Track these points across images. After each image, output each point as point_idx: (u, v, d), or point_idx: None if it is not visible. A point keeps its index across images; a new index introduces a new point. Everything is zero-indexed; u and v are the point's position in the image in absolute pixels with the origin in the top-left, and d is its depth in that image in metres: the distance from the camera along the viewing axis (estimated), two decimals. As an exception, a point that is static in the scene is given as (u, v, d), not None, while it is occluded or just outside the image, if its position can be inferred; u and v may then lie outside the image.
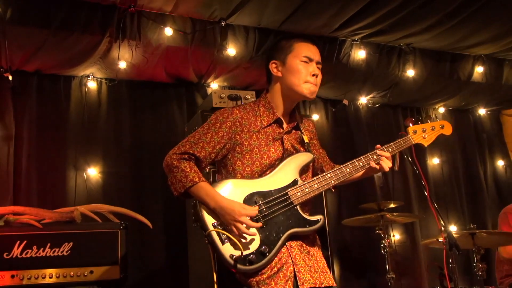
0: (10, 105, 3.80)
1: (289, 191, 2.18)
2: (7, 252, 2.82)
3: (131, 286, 3.02)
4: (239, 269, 2.06)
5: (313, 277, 2.12)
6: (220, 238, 2.09)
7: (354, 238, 4.52)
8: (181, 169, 2.17)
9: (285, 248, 2.13)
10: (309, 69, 2.24)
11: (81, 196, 3.82)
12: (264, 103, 2.33)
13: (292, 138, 2.33)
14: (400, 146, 2.35)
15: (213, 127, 2.26)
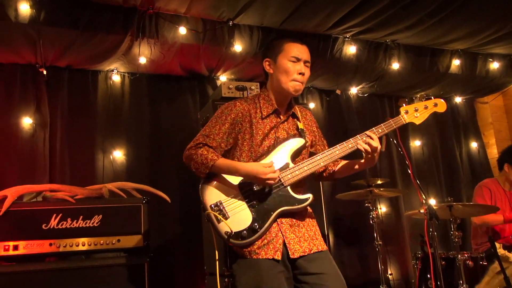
0: (45, 97, 3.79)
1: (280, 173, 2.18)
2: (45, 223, 2.86)
3: (152, 253, 3.03)
4: (232, 243, 2.09)
5: (302, 247, 2.13)
6: (216, 218, 2.11)
7: (346, 211, 4.53)
8: (200, 153, 2.19)
9: (275, 223, 2.14)
10: (296, 67, 2.22)
11: (108, 175, 3.83)
12: (264, 96, 2.32)
13: (288, 126, 2.32)
14: (390, 126, 2.28)
15: (220, 119, 2.27)
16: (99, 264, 2.86)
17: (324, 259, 2.14)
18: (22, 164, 3.60)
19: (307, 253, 2.11)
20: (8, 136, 3.62)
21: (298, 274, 2.10)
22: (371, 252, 4.27)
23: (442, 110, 2.37)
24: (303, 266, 2.10)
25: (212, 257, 3.16)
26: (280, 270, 2.05)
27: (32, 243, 2.80)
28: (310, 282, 2.07)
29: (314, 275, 2.07)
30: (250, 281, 2.03)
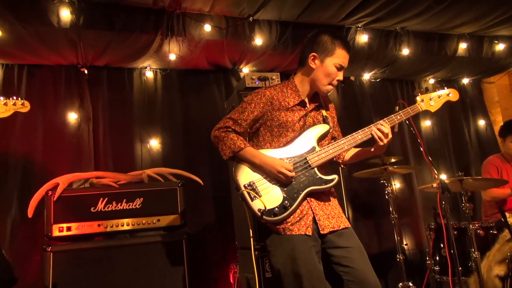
0: (87, 94, 3.83)
1: (308, 156, 2.17)
2: (93, 207, 2.92)
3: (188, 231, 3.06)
4: (265, 220, 2.09)
5: (331, 223, 2.13)
6: (250, 196, 2.11)
7: (363, 188, 4.49)
8: (230, 138, 2.19)
9: (306, 202, 2.14)
10: (337, 74, 2.19)
11: (146, 162, 3.87)
12: (292, 86, 2.29)
13: (314, 115, 2.30)
14: (408, 113, 2.27)
15: (249, 106, 2.25)
16: (142, 242, 2.91)
17: (349, 234, 2.15)
18: (70, 154, 3.67)
19: (335, 229, 2.12)
20: (57, 130, 3.69)
21: (326, 248, 2.11)
22: (387, 224, 4.24)
23: (455, 99, 2.40)
24: (332, 240, 2.11)
25: (242, 233, 3.19)
26: (311, 245, 2.06)
27: (83, 224, 2.87)
28: (337, 255, 2.08)
29: (342, 248, 2.09)
30: (284, 255, 2.04)
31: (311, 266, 2.02)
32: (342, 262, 2.07)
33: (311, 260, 2.03)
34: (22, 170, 3.50)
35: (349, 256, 2.06)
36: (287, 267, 2.03)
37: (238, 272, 3.39)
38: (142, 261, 2.86)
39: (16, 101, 1.90)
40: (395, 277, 3.71)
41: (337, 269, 2.08)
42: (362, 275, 2.02)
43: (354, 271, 2.03)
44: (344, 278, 2.05)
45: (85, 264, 2.76)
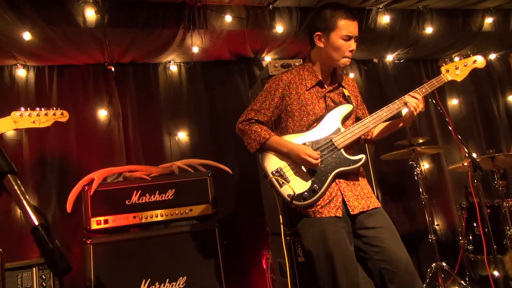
0: (115, 91, 3.89)
1: (333, 137, 2.14)
2: (128, 199, 2.97)
3: (219, 219, 3.09)
4: (295, 205, 2.08)
5: (360, 203, 2.11)
6: (278, 183, 2.10)
7: (391, 170, 4.42)
8: (253, 130, 2.18)
9: (334, 183, 2.12)
10: (348, 45, 2.13)
11: (175, 154, 3.90)
12: (308, 68, 2.25)
13: (334, 95, 2.26)
14: (433, 85, 2.20)
15: (269, 94, 2.24)
16: (176, 232, 2.95)
17: (380, 215, 2.12)
18: (102, 150, 3.74)
19: (365, 209, 2.09)
20: (89, 127, 3.76)
21: (357, 229, 2.09)
22: (417, 206, 4.17)
23: (481, 66, 2.27)
24: (362, 221, 2.08)
25: (273, 219, 3.19)
26: (341, 226, 2.05)
27: (119, 217, 2.92)
28: (368, 235, 2.06)
29: (372, 229, 2.06)
30: (315, 237, 2.04)
31: (342, 247, 2.01)
32: (372, 242, 2.05)
33: (342, 241, 2.02)
34: (58, 168, 3.59)
35: (379, 236, 2.04)
36: (318, 249, 2.03)
37: (270, 258, 3.40)
38: (177, 250, 2.90)
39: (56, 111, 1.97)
40: (427, 257, 3.65)
41: (367, 249, 2.06)
42: (393, 254, 2.00)
43: (385, 250, 2.01)
44: (375, 258, 2.03)
45: (123, 254, 2.82)
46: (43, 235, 0.72)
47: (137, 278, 2.79)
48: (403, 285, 1.96)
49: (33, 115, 1.87)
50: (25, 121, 1.85)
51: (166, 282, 2.82)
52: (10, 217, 3.38)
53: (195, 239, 2.95)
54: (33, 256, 3.21)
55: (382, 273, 2.00)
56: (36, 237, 0.72)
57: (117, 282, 2.74)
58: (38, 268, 2.68)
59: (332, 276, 1.99)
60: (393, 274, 1.97)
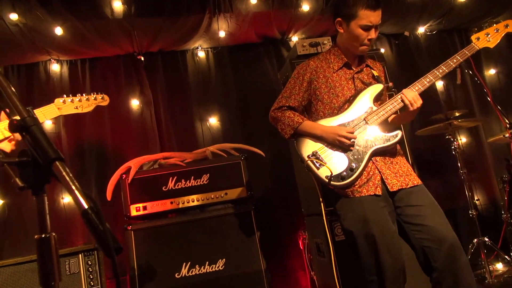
0: (146, 80, 3.95)
1: (366, 117, 2.13)
2: (165, 186, 3.04)
3: (254, 202, 3.12)
4: (333, 185, 2.07)
5: (399, 181, 2.08)
6: (315, 165, 2.10)
7: (427, 145, 4.31)
8: (286, 116, 2.21)
9: (371, 162, 2.10)
10: (367, 34, 2.12)
11: (208, 139, 3.95)
12: (334, 52, 2.27)
13: (363, 76, 2.26)
14: (464, 55, 2.14)
15: (298, 80, 2.27)
16: (212, 215, 3.00)
17: (421, 192, 2.08)
18: (136, 138, 3.83)
19: (404, 187, 2.06)
20: (123, 117, 3.85)
21: (398, 208, 2.07)
22: (455, 181, 4.06)
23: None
24: (403, 199, 2.06)
25: (308, 200, 3.20)
26: (382, 205, 2.03)
27: (157, 203, 3.00)
28: (410, 213, 2.03)
29: (414, 206, 2.03)
30: (355, 217, 2.03)
31: (384, 226, 1.99)
32: (413, 221, 2.02)
33: (383, 220, 2.00)
34: (96, 158, 3.71)
35: (421, 214, 2.00)
36: (359, 230, 2.02)
37: (307, 238, 3.42)
38: (214, 233, 2.96)
39: (97, 96, 2.03)
40: (469, 233, 3.57)
41: (408, 228, 2.03)
42: (437, 232, 1.95)
43: (428, 228, 1.97)
44: (417, 237, 2.00)
45: (163, 239, 2.90)
46: (93, 218, 0.75)
47: (178, 262, 2.87)
48: (447, 263, 1.91)
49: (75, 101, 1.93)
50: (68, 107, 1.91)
51: (206, 265, 2.89)
52: (55, 206, 3.53)
53: (231, 222, 3.00)
54: (78, 244, 3.36)
55: (426, 251, 1.96)
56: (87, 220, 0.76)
57: (159, 266, 2.83)
58: (84, 254, 2.80)
59: (375, 257, 1.97)
60: (437, 252, 1.93)
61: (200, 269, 2.87)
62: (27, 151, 0.87)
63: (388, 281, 1.96)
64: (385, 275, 1.96)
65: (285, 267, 3.76)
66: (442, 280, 1.93)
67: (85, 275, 2.75)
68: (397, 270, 1.98)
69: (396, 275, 1.98)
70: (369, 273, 2.02)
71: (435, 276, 1.96)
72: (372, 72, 2.26)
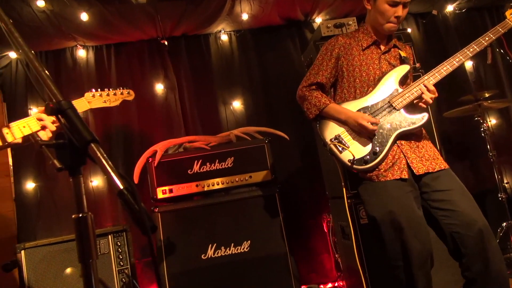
0: (170, 64, 3.97)
1: (391, 99, 2.10)
2: (190, 169, 3.08)
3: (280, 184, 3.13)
4: (356, 169, 2.06)
5: (425, 165, 2.04)
6: (337, 149, 2.10)
7: (455, 128, 4.21)
8: (314, 96, 2.20)
9: (396, 146, 2.07)
10: (393, 11, 2.08)
11: (231, 123, 3.95)
12: (363, 30, 2.24)
13: (390, 57, 2.22)
14: (498, 32, 2.07)
15: (325, 56, 2.25)
16: (237, 198, 3.03)
17: (448, 176, 2.04)
18: (161, 123, 3.87)
19: (430, 171, 2.03)
20: (148, 102, 3.89)
21: (424, 193, 2.04)
22: (484, 164, 3.98)
23: None
24: (429, 184, 2.02)
25: (332, 183, 3.19)
26: (408, 190, 2.00)
27: (183, 186, 3.05)
28: (437, 198, 1.99)
29: (441, 191, 1.99)
30: (380, 202, 2.01)
31: (409, 211, 1.97)
32: (441, 206, 1.98)
33: (408, 206, 1.98)
34: (123, 142, 3.78)
35: (449, 199, 1.97)
36: (383, 215, 1.99)
37: (331, 221, 3.42)
38: (239, 216, 3.00)
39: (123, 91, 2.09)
40: (498, 217, 3.50)
41: (436, 213, 2.00)
42: (466, 217, 1.91)
43: (457, 213, 1.93)
44: (446, 222, 1.96)
45: (189, 221, 2.96)
46: (129, 198, 0.78)
47: (204, 243, 2.92)
48: (477, 249, 1.88)
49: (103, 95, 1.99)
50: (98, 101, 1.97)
51: (231, 246, 2.94)
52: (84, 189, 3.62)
53: (256, 205, 3.03)
54: (107, 225, 3.46)
55: (454, 237, 1.93)
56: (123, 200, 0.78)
57: (186, 247, 2.90)
58: (113, 235, 2.88)
59: (401, 243, 1.95)
60: (466, 238, 1.90)
61: (226, 251, 2.92)
62: (63, 134, 0.90)
63: (415, 266, 1.95)
64: (412, 261, 1.94)
65: (309, 249, 3.78)
66: (472, 265, 1.90)
67: (114, 255, 2.84)
68: (425, 255, 1.96)
69: (423, 260, 1.96)
70: (394, 259, 2.00)
71: (464, 262, 1.93)
72: (400, 53, 2.22)
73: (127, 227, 2.95)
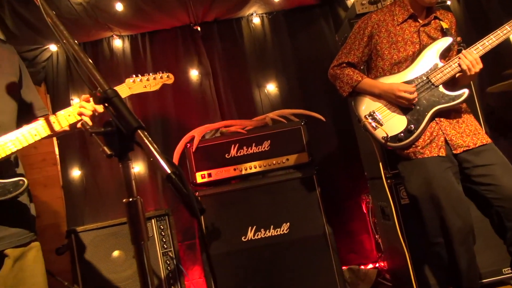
0: (203, 50, 3.99)
1: (430, 75, 2.03)
2: (227, 153, 3.12)
3: (317, 166, 3.12)
4: (391, 146, 2.04)
5: (465, 141, 1.99)
6: (372, 126, 2.07)
7: (500, 103, 4.04)
8: (345, 74, 2.17)
9: (434, 123, 2.03)
10: None
11: (266, 106, 3.96)
12: (399, 3, 2.16)
13: (430, 29, 2.13)
14: None
15: (358, 35, 2.20)
16: (275, 181, 3.05)
17: (490, 151, 1.99)
18: (197, 108, 3.92)
19: (471, 147, 1.98)
20: (183, 88, 3.94)
21: (466, 168, 1.99)
22: (531, 139, 3.81)
23: None
24: (470, 159, 1.98)
25: (371, 163, 3.15)
26: (447, 166, 1.97)
27: (221, 170, 3.10)
28: (479, 173, 1.95)
29: (484, 166, 1.94)
30: (419, 179, 1.99)
31: (449, 187, 1.94)
32: (483, 181, 1.94)
33: (448, 181, 1.95)
34: (161, 129, 3.87)
35: (492, 174, 1.93)
36: (423, 192, 1.98)
37: (370, 202, 3.39)
38: (277, 198, 3.02)
39: (163, 75, 2.13)
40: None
41: (478, 189, 1.97)
42: (509, 191, 1.88)
43: (500, 188, 1.90)
44: (489, 197, 1.93)
45: (228, 205, 3.01)
46: (177, 181, 0.80)
47: (244, 226, 2.97)
48: None
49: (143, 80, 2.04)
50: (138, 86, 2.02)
51: (270, 229, 2.97)
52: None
53: (293, 187, 3.03)
54: (149, 210, 3.57)
55: (498, 211, 1.91)
56: (171, 184, 0.81)
57: (227, 230, 2.95)
58: (156, 219, 2.98)
59: (441, 219, 1.94)
60: (510, 211, 1.88)
61: (266, 233, 2.96)
62: (111, 122, 0.93)
63: (456, 242, 1.93)
64: (453, 237, 1.93)
65: (349, 230, 3.77)
66: None
67: (158, 238, 2.94)
68: (466, 231, 1.94)
69: (464, 236, 1.94)
70: (434, 236, 1.99)
71: (509, 236, 1.91)
72: (441, 24, 2.13)
73: (169, 211, 3.04)
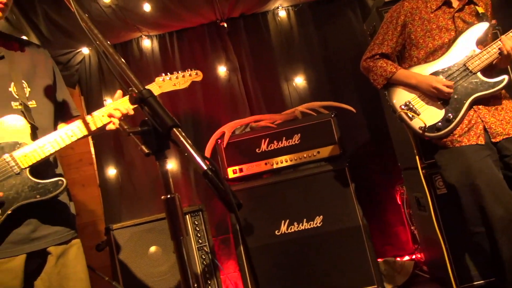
0: (230, 46, 4.01)
1: (467, 62, 1.97)
2: (258, 148, 3.13)
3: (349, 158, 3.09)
4: (428, 136, 2.00)
5: (505, 129, 1.93)
6: (408, 116, 2.03)
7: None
8: (379, 66, 2.13)
9: (472, 111, 1.97)
10: None
11: (295, 99, 3.94)
12: None
13: (465, 14, 2.06)
14: None
15: (391, 24, 2.16)
16: (306, 174, 3.04)
17: None
18: (227, 104, 3.95)
19: (511, 134, 1.92)
20: (212, 85, 3.98)
21: (504, 156, 1.94)
22: None
23: None
24: (510, 147, 1.92)
25: (404, 154, 3.10)
26: (486, 154, 1.91)
27: (252, 165, 3.11)
28: None
29: None
30: (457, 168, 1.95)
31: (489, 175, 1.89)
32: None
33: (488, 169, 1.90)
34: (191, 126, 3.92)
35: None
36: (462, 180, 1.94)
37: (405, 193, 3.33)
38: (310, 191, 3.01)
39: (191, 72, 2.16)
40: None
41: None
42: None
43: None
44: None
45: (261, 199, 3.02)
46: (213, 177, 0.82)
47: (277, 220, 2.98)
48: None
49: (173, 78, 2.08)
50: (167, 84, 2.06)
51: (303, 222, 2.97)
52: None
53: (326, 180, 3.02)
54: (184, 206, 3.63)
55: None
56: (208, 180, 0.82)
57: (260, 224, 2.97)
58: (191, 215, 3.03)
59: (481, 208, 1.88)
60: None
61: (299, 226, 2.97)
62: (147, 121, 0.96)
63: (498, 231, 1.87)
64: (494, 226, 1.87)
65: (383, 222, 3.72)
66: None
67: (193, 234, 2.99)
68: (508, 220, 1.89)
69: (507, 225, 1.88)
70: (474, 225, 1.95)
71: None
72: (477, 9, 2.06)
73: (202, 206, 3.09)
